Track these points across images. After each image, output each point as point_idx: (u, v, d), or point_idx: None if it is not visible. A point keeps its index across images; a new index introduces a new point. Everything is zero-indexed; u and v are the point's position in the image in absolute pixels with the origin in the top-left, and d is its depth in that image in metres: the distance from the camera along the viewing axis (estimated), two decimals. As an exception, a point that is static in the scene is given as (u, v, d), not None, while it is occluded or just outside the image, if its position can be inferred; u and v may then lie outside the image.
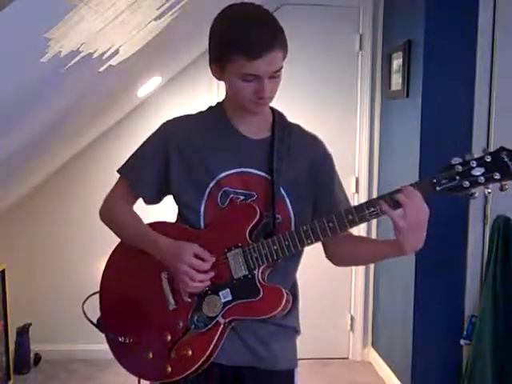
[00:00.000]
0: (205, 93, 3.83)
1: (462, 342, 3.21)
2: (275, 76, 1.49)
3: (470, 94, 3.17)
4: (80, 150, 3.83)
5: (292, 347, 1.70)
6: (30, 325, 3.75)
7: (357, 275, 4.04)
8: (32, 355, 3.78)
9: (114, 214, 1.71)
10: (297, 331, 1.70)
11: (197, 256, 1.53)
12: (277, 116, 1.65)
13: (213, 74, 1.55)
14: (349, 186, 3.92)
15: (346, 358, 4.07)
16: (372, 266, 4.00)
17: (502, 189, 1.37)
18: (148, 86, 3.60)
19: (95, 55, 2.02)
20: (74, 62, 1.90)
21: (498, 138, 3.07)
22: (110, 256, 1.73)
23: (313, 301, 3.93)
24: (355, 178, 3.95)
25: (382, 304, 3.91)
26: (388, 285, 3.82)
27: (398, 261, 3.69)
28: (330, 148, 1.70)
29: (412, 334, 3.29)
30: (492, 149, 1.38)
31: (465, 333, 3.21)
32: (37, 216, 3.89)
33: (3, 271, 3.36)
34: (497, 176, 1.35)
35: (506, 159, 1.35)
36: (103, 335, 1.68)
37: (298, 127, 1.69)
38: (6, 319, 3.38)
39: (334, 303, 4.04)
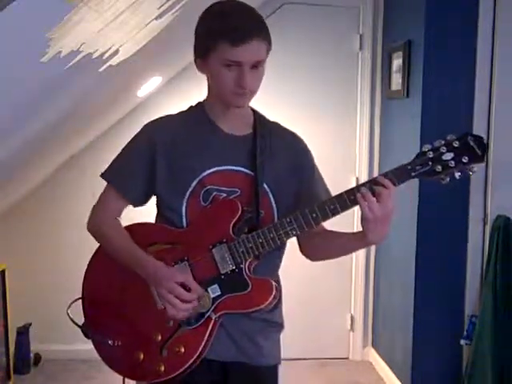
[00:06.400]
0: (205, 93, 3.79)
1: (462, 341, 3.21)
2: (257, 66, 1.51)
3: (470, 94, 3.17)
4: (80, 150, 3.83)
5: (277, 342, 1.72)
6: (30, 325, 3.75)
7: (357, 275, 4.04)
8: (32, 355, 3.78)
9: (100, 226, 1.69)
10: (282, 326, 1.72)
11: (183, 285, 1.53)
12: (257, 115, 1.68)
13: (197, 67, 1.63)
14: (349, 186, 3.90)
15: (346, 358, 4.06)
16: (372, 265, 4.00)
17: (470, 171, 1.46)
18: (148, 86, 3.60)
19: (95, 55, 2.02)
20: (74, 62, 1.90)
21: (498, 137, 3.06)
22: (92, 258, 1.72)
23: (313, 300, 3.95)
24: (355, 178, 3.95)
25: (382, 304, 3.91)
26: (388, 285, 3.82)
27: (398, 260, 3.69)
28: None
29: (412, 334, 3.29)
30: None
31: (465, 333, 3.21)
32: (37, 216, 3.89)
33: (3, 271, 3.36)
34: (465, 159, 1.44)
35: (472, 143, 1.44)
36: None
37: (277, 125, 1.72)
38: (6, 319, 3.38)
39: (334, 303, 4.04)
